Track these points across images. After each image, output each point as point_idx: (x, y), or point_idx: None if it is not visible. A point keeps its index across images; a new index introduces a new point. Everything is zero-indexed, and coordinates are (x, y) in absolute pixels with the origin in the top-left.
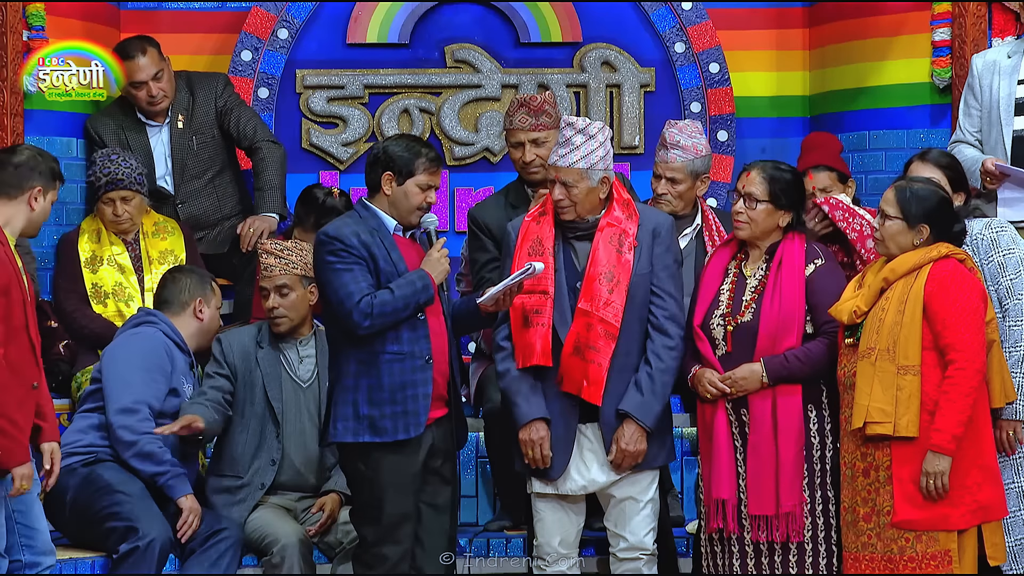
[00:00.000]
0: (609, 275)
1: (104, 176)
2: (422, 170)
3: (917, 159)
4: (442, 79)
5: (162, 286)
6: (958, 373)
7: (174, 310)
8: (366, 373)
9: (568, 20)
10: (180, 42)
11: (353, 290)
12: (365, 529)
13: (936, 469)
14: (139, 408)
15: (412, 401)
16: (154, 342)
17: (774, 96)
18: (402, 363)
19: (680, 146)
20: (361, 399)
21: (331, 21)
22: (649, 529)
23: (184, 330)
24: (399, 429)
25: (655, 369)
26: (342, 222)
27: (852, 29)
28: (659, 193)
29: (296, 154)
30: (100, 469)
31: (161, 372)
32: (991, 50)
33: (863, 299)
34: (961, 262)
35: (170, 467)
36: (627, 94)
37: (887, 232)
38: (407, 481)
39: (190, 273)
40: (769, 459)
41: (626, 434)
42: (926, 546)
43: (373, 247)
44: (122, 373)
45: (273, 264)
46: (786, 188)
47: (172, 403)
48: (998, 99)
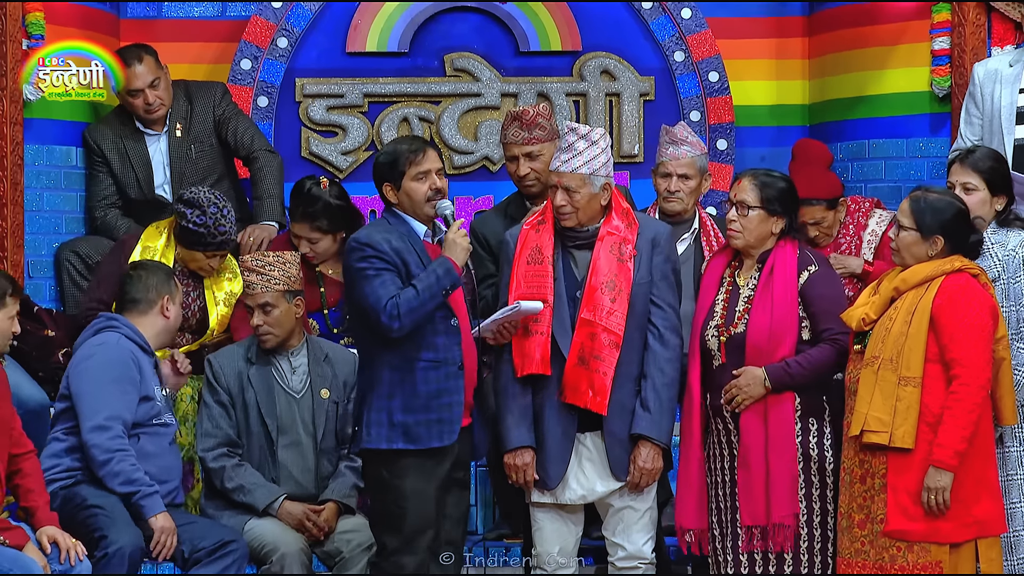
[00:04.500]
0: (611, 284)
1: (220, 235)
2: (407, 163)
3: (958, 161)
4: (441, 88)
5: (127, 284)
6: (962, 388)
7: (141, 308)
8: (400, 380)
9: (567, 29)
10: (180, 51)
11: (382, 294)
12: (386, 537)
13: (938, 484)
14: (111, 425)
15: (447, 409)
16: (120, 352)
17: (774, 105)
18: (437, 370)
19: (689, 142)
20: (396, 406)
21: (330, 30)
22: (648, 538)
23: (149, 329)
24: (433, 436)
25: (660, 384)
26: (373, 228)
27: (851, 38)
28: (672, 191)
29: (295, 163)
30: (77, 488)
31: (131, 382)
32: (992, 59)
33: (873, 307)
34: (975, 277)
35: (141, 486)
36: (627, 103)
37: (902, 243)
38: (431, 491)
39: (154, 270)
40: (760, 470)
41: (642, 454)
42: (917, 556)
43: (405, 253)
44: (92, 389)
45: (255, 282)
46: (778, 194)
47: (145, 410)
48: (999, 108)
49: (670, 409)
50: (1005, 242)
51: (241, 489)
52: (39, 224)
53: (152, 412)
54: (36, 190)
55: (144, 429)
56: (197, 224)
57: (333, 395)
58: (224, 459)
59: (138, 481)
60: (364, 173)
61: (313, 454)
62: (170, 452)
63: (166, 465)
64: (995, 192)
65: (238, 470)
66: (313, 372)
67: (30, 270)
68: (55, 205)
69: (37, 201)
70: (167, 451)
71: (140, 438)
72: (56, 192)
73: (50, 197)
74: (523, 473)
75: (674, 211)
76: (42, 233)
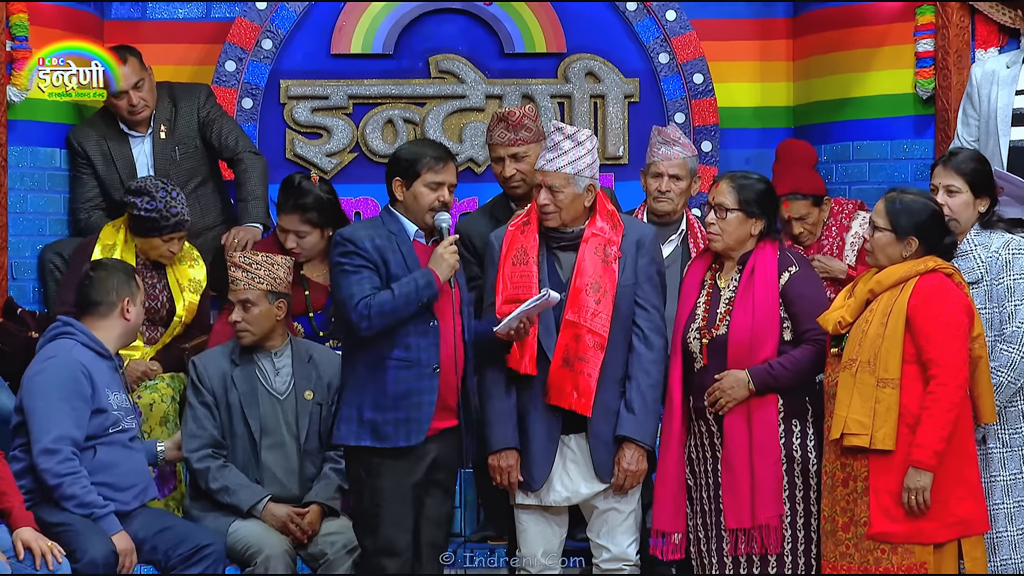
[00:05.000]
0: (595, 286)
1: (172, 217)
2: (426, 169)
3: (941, 163)
4: (426, 90)
5: (88, 286)
6: (940, 388)
7: (102, 312)
8: (373, 378)
9: (552, 31)
10: (164, 52)
11: (355, 291)
12: (365, 540)
13: (917, 485)
14: (59, 448)
15: (416, 409)
16: (70, 367)
17: (758, 107)
18: (409, 370)
19: (681, 143)
20: (366, 403)
21: (315, 31)
22: (632, 540)
23: (110, 333)
24: (400, 436)
25: (644, 385)
26: (360, 225)
27: (836, 40)
28: (662, 191)
29: (280, 164)
30: (37, 511)
31: (81, 398)
32: (990, 60)
33: (849, 310)
34: (948, 276)
35: (94, 508)
36: (611, 104)
37: (876, 243)
38: (406, 490)
39: (114, 271)
40: (744, 472)
41: (627, 456)
42: (901, 558)
43: (387, 252)
44: (41, 407)
45: (240, 278)
46: (756, 196)
47: (99, 423)
48: (996, 109)
49: (655, 411)
50: (988, 244)
51: (226, 490)
52: (23, 226)
53: (107, 423)
54: (20, 192)
55: (100, 440)
56: (148, 210)
57: (317, 396)
58: (209, 460)
59: (91, 504)
60: (349, 175)
61: (297, 455)
62: (132, 455)
63: (128, 470)
64: (978, 194)
65: (223, 471)
66: (297, 373)
67: (14, 272)
68: (39, 207)
69: (21, 203)
70: (128, 456)
71: (96, 450)
72: (40, 194)
73: (34, 199)
74: (507, 475)
75: (664, 211)
76: (26, 235)
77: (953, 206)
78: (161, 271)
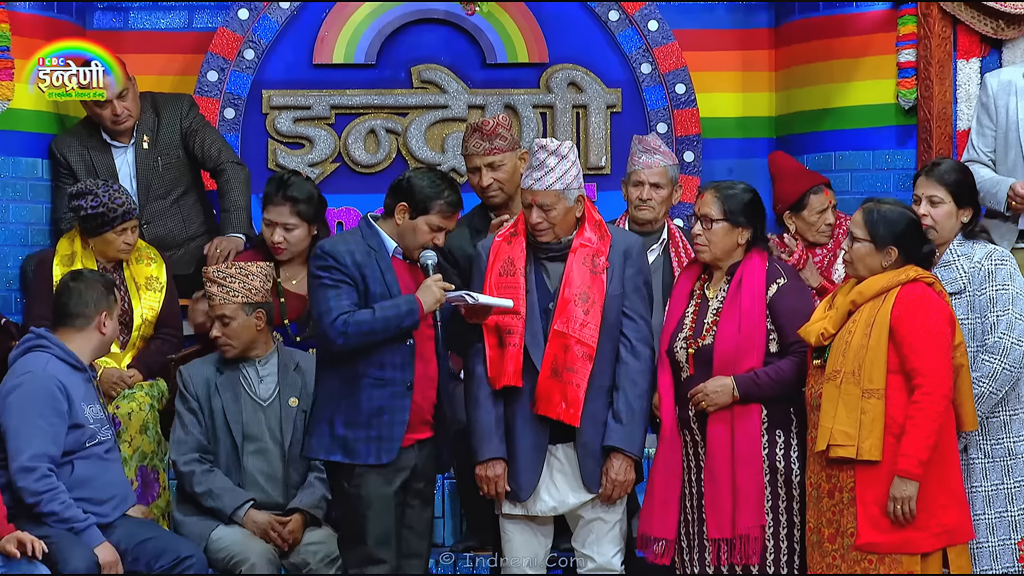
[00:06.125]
0: (584, 296)
1: (119, 207)
2: (436, 211)
3: (923, 174)
4: (408, 100)
5: (66, 297)
6: (924, 398)
7: (79, 324)
8: (346, 394)
9: (535, 41)
10: (146, 62)
11: (333, 306)
12: (351, 552)
13: (903, 494)
14: (36, 466)
15: (388, 427)
16: (46, 382)
17: (740, 117)
18: (382, 388)
19: (661, 151)
20: (338, 419)
21: (297, 42)
22: (617, 550)
23: (85, 346)
24: (371, 454)
25: (632, 396)
26: (340, 238)
27: (818, 50)
28: (644, 199)
29: (262, 174)
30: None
31: (57, 414)
32: (1004, 69)
33: (831, 321)
34: (929, 285)
35: (75, 523)
36: (594, 115)
37: (855, 254)
38: (387, 501)
39: (92, 283)
40: (726, 482)
41: (615, 466)
42: (889, 568)
43: (366, 268)
44: (17, 424)
45: (215, 293)
46: (741, 205)
47: (75, 438)
48: (1016, 120)
49: (642, 421)
50: (971, 254)
51: (209, 493)
52: (5, 236)
53: (83, 438)
54: (2, 202)
55: (77, 455)
56: (95, 207)
57: (302, 403)
58: (195, 464)
59: (71, 519)
60: (331, 185)
61: (280, 462)
62: (109, 467)
63: (106, 482)
64: (961, 204)
65: (207, 475)
66: (282, 381)
67: None
68: (21, 217)
69: (3, 213)
70: (105, 468)
71: (74, 464)
72: (22, 204)
73: (16, 209)
74: (494, 485)
75: (645, 219)
76: (8, 245)
77: (936, 216)
78: (120, 273)
